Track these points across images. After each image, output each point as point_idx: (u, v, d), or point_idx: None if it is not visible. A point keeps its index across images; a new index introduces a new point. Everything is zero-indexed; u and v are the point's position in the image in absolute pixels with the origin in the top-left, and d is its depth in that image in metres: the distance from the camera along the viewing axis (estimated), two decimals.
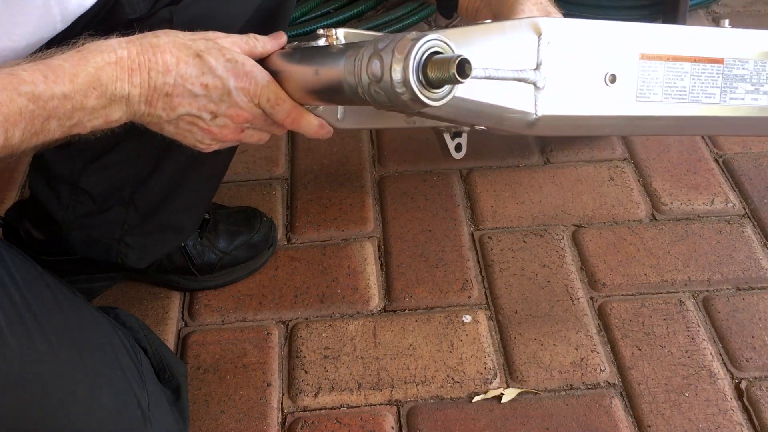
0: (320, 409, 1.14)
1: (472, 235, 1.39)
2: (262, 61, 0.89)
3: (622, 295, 1.29)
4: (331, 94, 0.83)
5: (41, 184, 1.16)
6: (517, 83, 0.82)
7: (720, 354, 1.20)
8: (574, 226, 1.40)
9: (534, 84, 0.83)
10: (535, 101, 0.84)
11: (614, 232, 1.38)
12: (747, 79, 0.98)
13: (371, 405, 1.14)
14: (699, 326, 1.23)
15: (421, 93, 0.71)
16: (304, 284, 1.31)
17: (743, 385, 1.16)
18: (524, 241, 1.37)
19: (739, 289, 1.30)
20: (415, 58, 0.70)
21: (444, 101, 0.72)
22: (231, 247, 1.29)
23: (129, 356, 0.95)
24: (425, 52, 0.71)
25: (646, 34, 0.91)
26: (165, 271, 1.27)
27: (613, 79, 0.89)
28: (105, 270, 1.26)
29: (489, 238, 1.38)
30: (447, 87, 0.72)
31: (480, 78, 0.74)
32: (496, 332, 1.23)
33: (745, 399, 1.14)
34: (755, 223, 1.40)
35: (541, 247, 1.36)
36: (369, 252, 1.36)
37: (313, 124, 0.90)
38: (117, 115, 0.79)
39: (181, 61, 0.79)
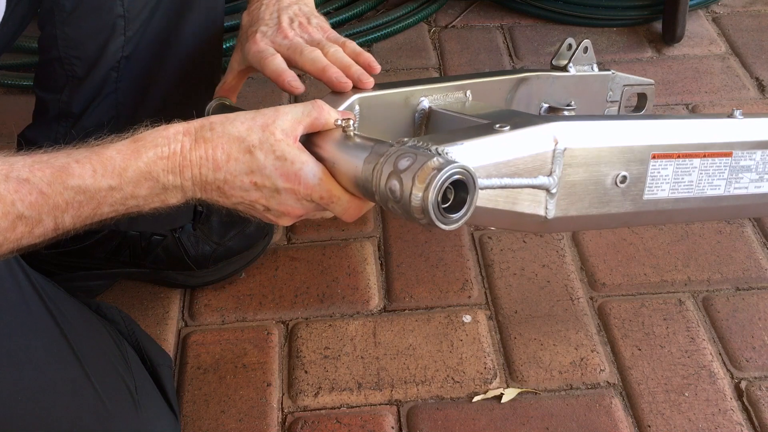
0: (320, 409, 1.14)
1: (472, 235, 1.39)
2: (321, 141, 0.84)
3: (622, 295, 1.29)
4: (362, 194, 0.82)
5: None
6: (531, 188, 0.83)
7: (720, 354, 1.20)
8: None
9: (547, 189, 0.84)
10: (546, 204, 0.85)
11: (614, 232, 1.38)
12: (753, 169, 1.00)
13: (371, 405, 1.14)
14: (699, 326, 1.24)
15: (438, 220, 0.73)
16: (304, 284, 1.31)
17: (743, 385, 1.16)
18: (524, 241, 1.37)
19: (739, 289, 1.30)
20: (435, 189, 0.71)
21: (459, 224, 0.74)
22: (225, 237, 1.29)
23: (115, 344, 0.96)
24: (447, 182, 0.71)
25: (659, 132, 0.92)
26: (162, 266, 1.27)
27: (624, 179, 0.90)
28: (101, 265, 1.26)
29: (489, 238, 1.38)
30: (463, 211, 0.74)
31: (497, 187, 0.77)
32: (496, 332, 1.23)
33: (744, 399, 1.14)
34: (755, 223, 1.40)
35: (541, 247, 1.36)
36: (369, 252, 1.36)
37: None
38: (174, 201, 0.81)
39: (231, 159, 0.79)
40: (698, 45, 1.82)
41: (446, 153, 0.74)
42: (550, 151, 0.83)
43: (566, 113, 1.31)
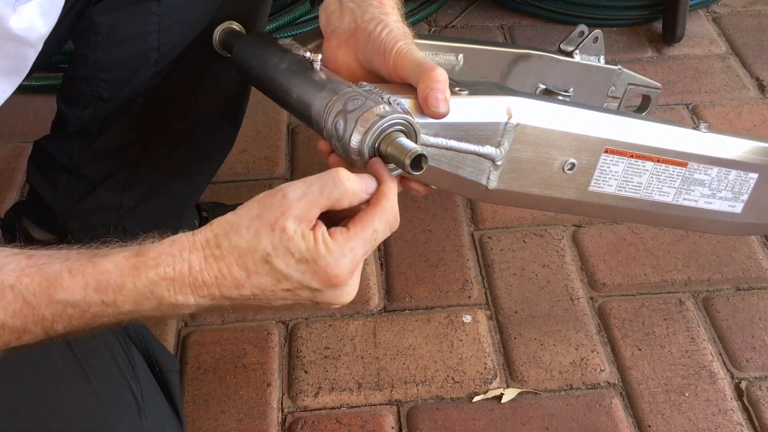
0: (320, 409, 1.14)
1: (472, 235, 1.39)
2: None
3: (622, 295, 1.29)
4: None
5: (38, 175, 1.17)
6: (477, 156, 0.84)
7: (720, 354, 1.20)
8: (574, 226, 1.40)
9: (492, 160, 0.84)
10: (489, 174, 0.86)
11: (614, 232, 1.38)
12: (706, 184, 0.98)
13: (371, 405, 1.14)
14: (699, 326, 1.23)
15: None
16: None
17: (743, 385, 1.16)
18: (524, 241, 1.37)
19: (739, 289, 1.30)
20: (374, 135, 0.73)
21: (394, 174, 0.76)
22: None
23: (122, 349, 0.96)
24: (387, 130, 0.73)
25: (617, 128, 0.91)
26: None
27: (572, 167, 0.90)
28: None
29: (489, 238, 1.38)
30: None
31: (442, 147, 0.78)
32: (496, 332, 1.23)
33: (745, 399, 1.14)
34: None
35: (541, 247, 1.36)
36: None
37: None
38: (188, 312, 0.72)
39: (251, 273, 0.70)
40: (698, 45, 1.82)
41: (397, 103, 0.75)
42: (502, 123, 0.83)
43: (560, 98, 1.30)
